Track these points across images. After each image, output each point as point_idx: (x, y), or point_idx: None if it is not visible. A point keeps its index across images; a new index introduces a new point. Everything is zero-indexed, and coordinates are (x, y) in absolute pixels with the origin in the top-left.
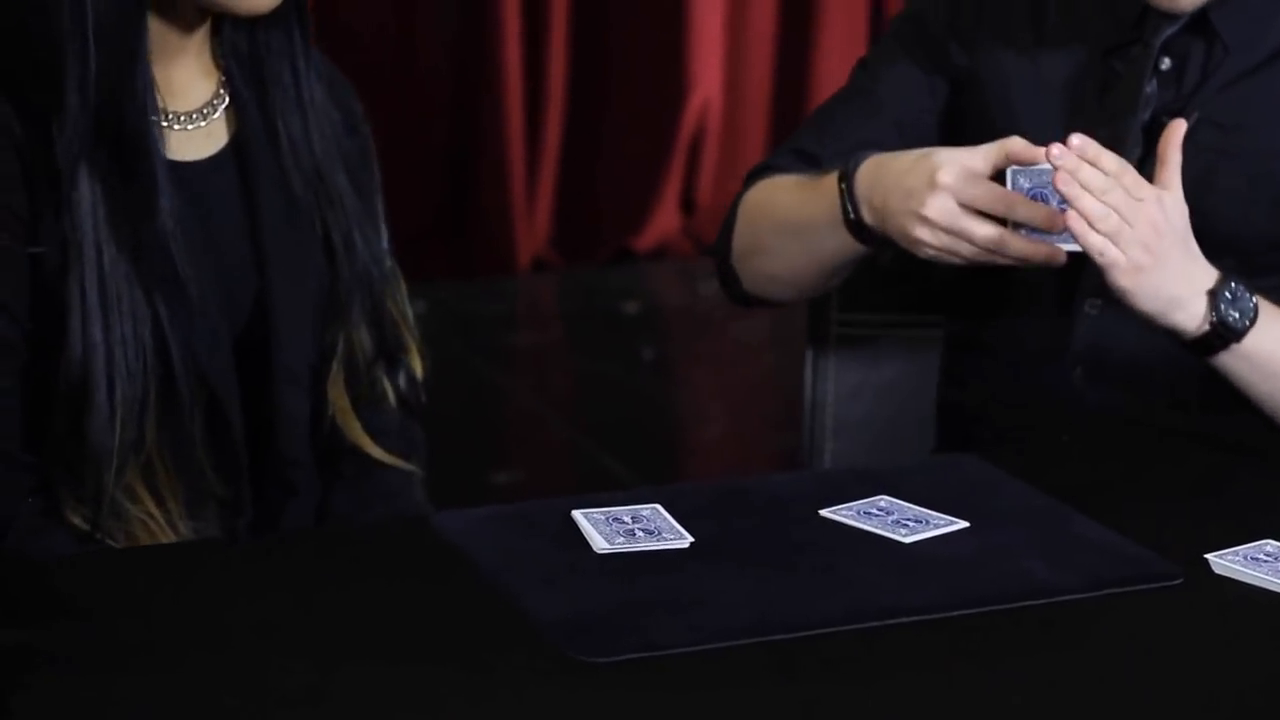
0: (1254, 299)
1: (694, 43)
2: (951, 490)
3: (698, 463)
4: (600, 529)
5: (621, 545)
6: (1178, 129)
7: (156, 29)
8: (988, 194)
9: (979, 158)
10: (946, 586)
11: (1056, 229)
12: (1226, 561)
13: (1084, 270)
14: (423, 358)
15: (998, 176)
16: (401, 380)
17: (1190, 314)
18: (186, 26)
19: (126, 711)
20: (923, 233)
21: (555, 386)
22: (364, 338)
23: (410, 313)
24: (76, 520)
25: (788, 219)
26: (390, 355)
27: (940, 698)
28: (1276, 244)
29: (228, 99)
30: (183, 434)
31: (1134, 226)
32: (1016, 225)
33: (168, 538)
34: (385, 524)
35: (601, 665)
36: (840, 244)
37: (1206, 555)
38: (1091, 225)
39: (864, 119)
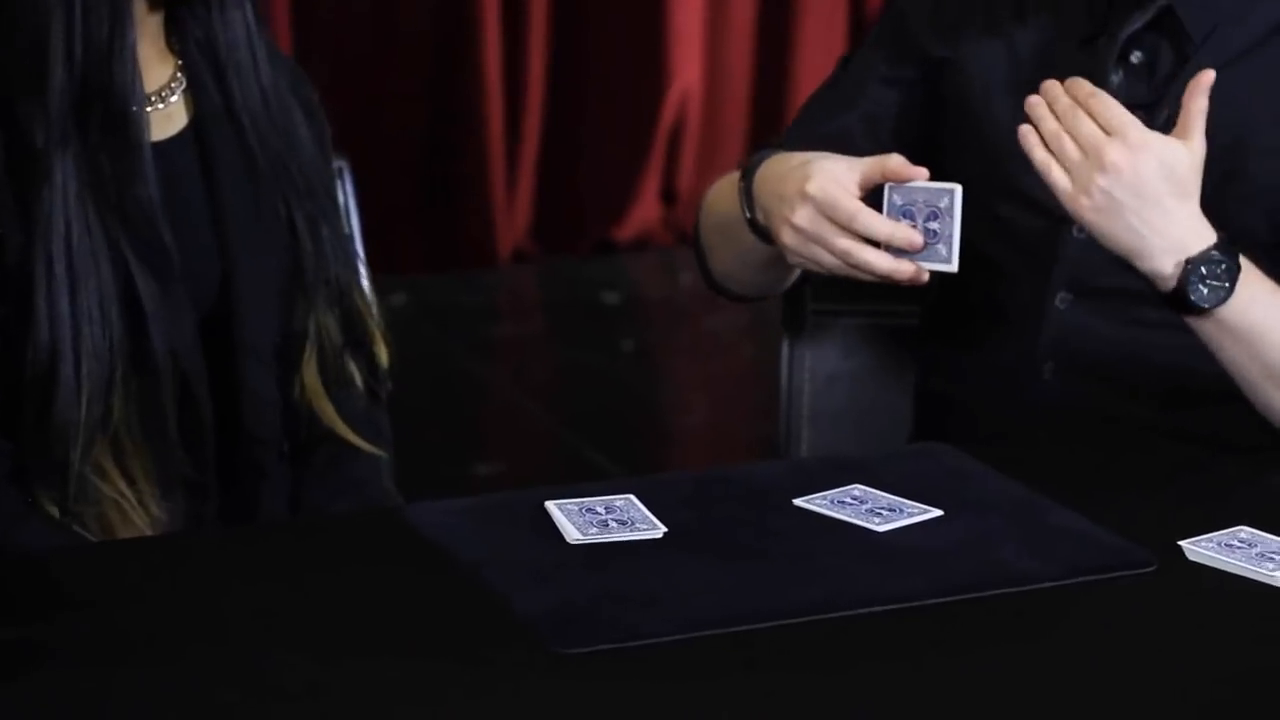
0: (1231, 282)
1: (673, 33)
2: (926, 479)
3: (678, 452)
4: (573, 520)
5: (595, 536)
6: (1205, 78)
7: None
8: (840, 207)
9: (855, 171)
10: (920, 575)
11: (913, 248)
12: (1200, 549)
13: (1055, 264)
14: (387, 345)
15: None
16: (367, 371)
17: (1157, 270)
18: (143, 9)
19: (112, 706)
20: (788, 238)
21: (536, 377)
22: (332, 324)
23: (374, 301)
24: (47, 503)
25: (719, 217)
26: (357, 341)
27: (914, 686)
28: (1258, 240)
29: (185, 81)
30: (153, 411)
31: (1098, 165)
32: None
33: (141, 519)
34: (360, 516)
35: (575, 656)
36: (753, 241)
37: (1180, 542)
38: (1044, 142)
39: (834, 111)
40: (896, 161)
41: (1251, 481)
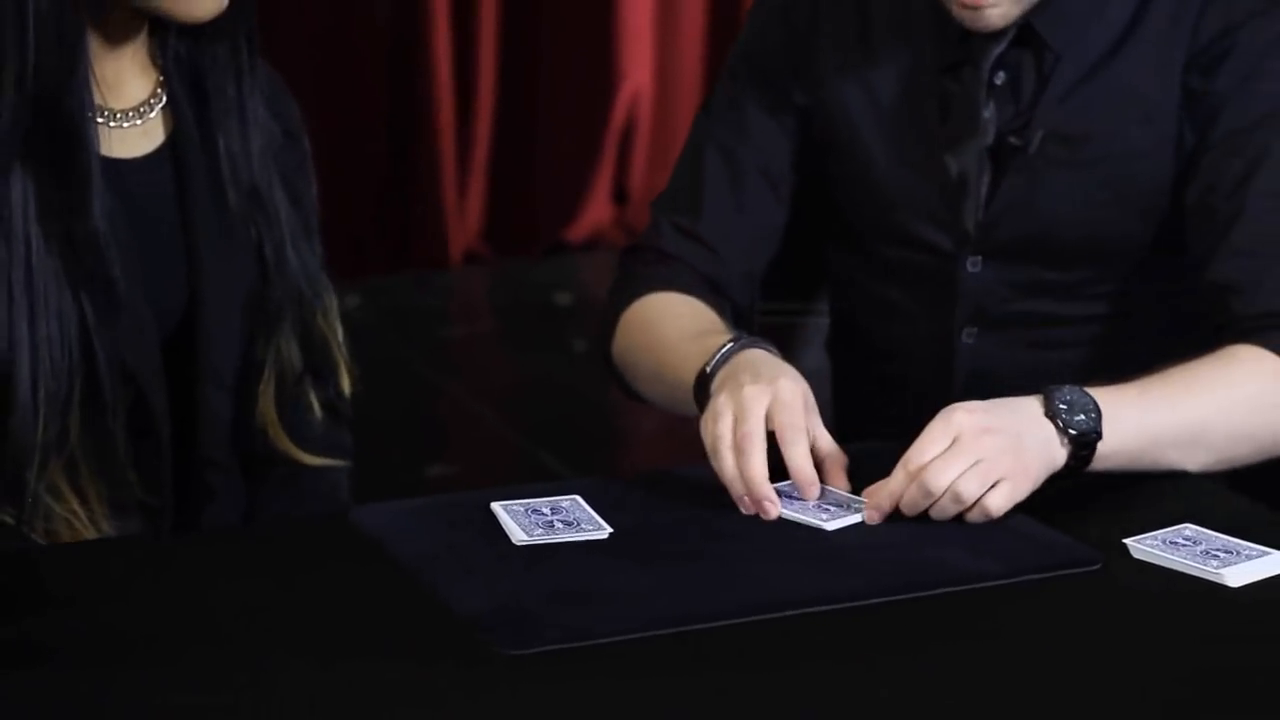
0: (1075, 395)
1: (623, 33)
2: (873, 478)
3: (631, 455)
4: (519, 521)
5: (540, 537)
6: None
7: (94, 25)
8: (791, 417)
9: (809, 415)
10: (865, 575)
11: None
12: (1145, 546)
13: (956, 300)
14: (351, 376)
15: None
16: (330, 393)
17: (1059, 452)
18: (124, 25)
19: (57, 714)
20: (718, 401)
21: (488, 379)
22: (293, 352)
23: (340, 330)
24: (5, 515)
25: (657, 374)
26: (317, 371)
27: (862, 686)
28: (1149, 243)
29: (165, 98)
30: (106, 433)
31: (953, 490)
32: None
33: (89, 534)
34: (304, 520)
35: (520, 657)
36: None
37: (1125, 540)
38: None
39: (730, 183)
40: (835, 463)
41: (1194, 479)
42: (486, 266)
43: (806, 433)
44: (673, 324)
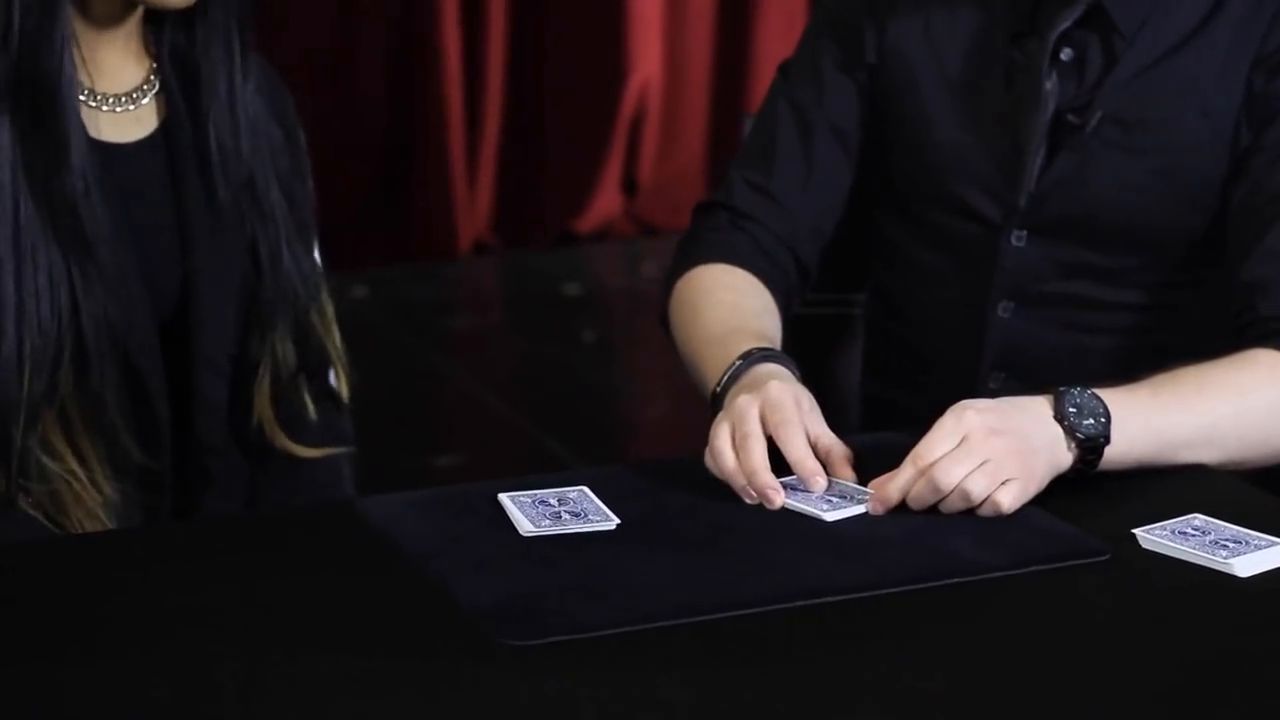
0: (1083, 396)
1: (633, 22)
2: (879, 469)
3: (639, 445)
4: (526, 512)
5: (548, 528)
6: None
7: (80, 8)
8: (785, 411)
9: (810, 415)
10: (874, 565)
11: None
12: (1154, 536)
13: (995, 273)
14: (347, 377)
15: None
16: (325, 385)
17: (1065, 455)
18: (115, 10)
19: (55, 703)
20: (717, 420)
21: (497, 370)
22: (288, 351)
23: (337, 333)
24: None
25: (690, 365)
26: (311, 370)
27: (867, 676)
28: (1195, 238)
29: (158, 85)
30: (91, 394)
31: (963, 487)
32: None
33: (92, 498)
34: (311, 510)
35: (526, 649)
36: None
37: (1134, 530)
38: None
39: (803, 141)
40: (839, 456)
41: (1204, 470)
42: (495, 257)
43: (802, 428)
44: (711, 314)
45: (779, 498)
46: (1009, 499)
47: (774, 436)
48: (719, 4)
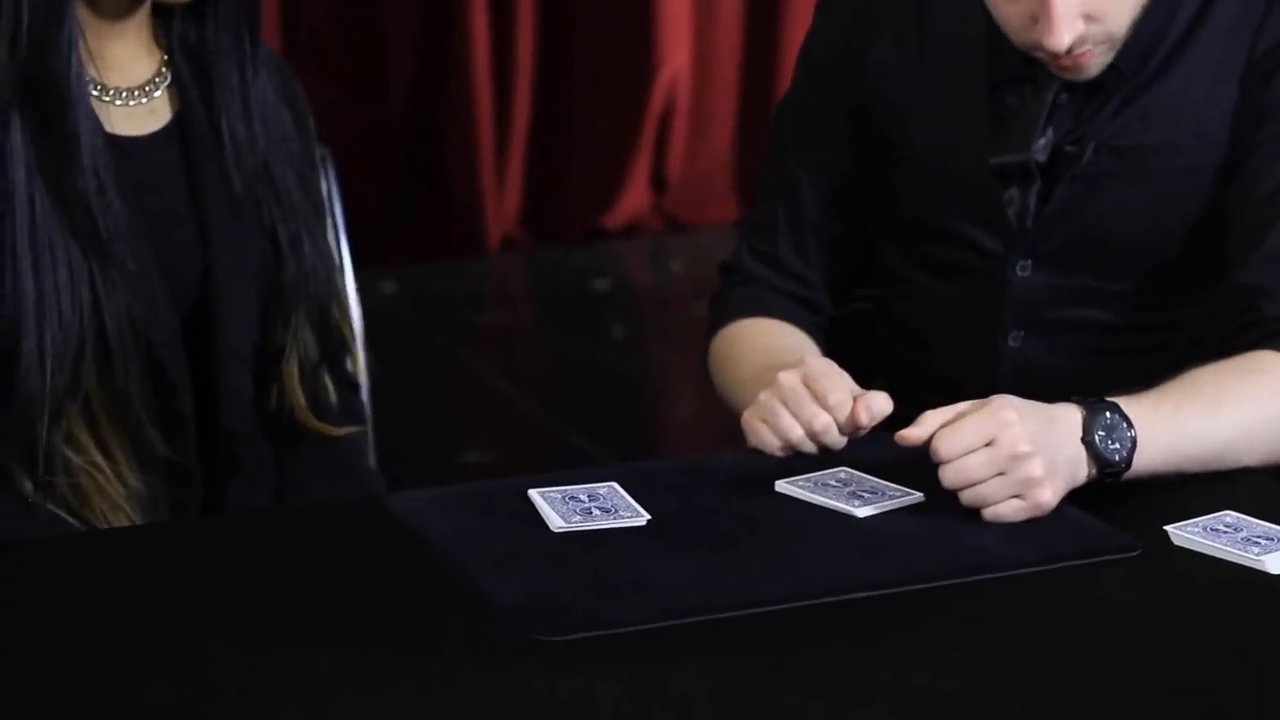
0: (1114, 415)
1: (662, 18)
2: (911, 465)
3: (668, 440)
4: (556, 508)
5: (578, 524)
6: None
7: (94, 5)
8: (828, 377)
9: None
10: (903, 561)
11: (861, 421)
12: (1186, 533)
13: (1004, 302)
14: (357, 362)
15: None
16: (342, 370)
17: (1083, 472)
18: (124, 4)
19: (59, 699)
20: (762, 395)
21: (526, 365)
22: (309, 338)
23: (353, 318)
24: (20, 477)
25: (734, 401)
26: (333, 358)
27: (897, 672)
28: (1203, 256)
29: (170, 77)
30: (115, 387)
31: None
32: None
33: (116, 491)
34: (340, 505)
35: (556, 644)
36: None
37: (1166, 527)
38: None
39: (802, 201)
40: (880, 404)
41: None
42: (524, 253)
43: (845, 381)
44: (750, 358)
45: (838, 437)
46: (1012, 512)
47: (814, 390)
48: None
